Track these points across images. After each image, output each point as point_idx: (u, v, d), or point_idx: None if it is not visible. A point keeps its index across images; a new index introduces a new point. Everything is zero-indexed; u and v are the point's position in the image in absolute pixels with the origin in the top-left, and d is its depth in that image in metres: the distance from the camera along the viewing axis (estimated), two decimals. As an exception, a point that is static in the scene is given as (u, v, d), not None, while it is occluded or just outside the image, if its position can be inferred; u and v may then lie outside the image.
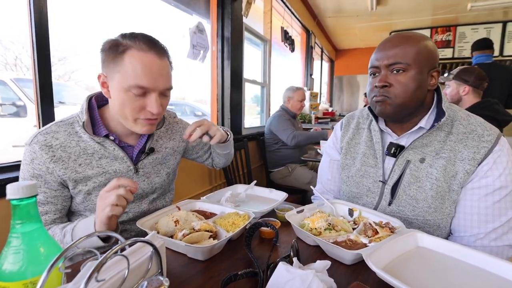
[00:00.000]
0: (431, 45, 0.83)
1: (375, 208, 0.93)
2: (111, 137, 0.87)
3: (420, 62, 0.80)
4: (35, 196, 0.42)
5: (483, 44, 2.74)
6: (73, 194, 0.85)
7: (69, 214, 0.90)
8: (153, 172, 0.97)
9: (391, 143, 0.91)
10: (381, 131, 0.95)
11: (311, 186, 1.08)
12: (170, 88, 0.85)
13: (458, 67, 2.01)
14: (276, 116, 2.70)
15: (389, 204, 0.89)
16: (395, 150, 0.89)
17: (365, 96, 5.49)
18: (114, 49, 0.78)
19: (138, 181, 0.93)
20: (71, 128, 0.84)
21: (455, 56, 5.18)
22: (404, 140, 0.90)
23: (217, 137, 0.95)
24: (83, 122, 0.82)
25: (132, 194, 0.71)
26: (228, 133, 1.08)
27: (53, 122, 0.85)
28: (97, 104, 0.88)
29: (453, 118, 0.85)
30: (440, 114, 0.85)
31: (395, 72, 0.82)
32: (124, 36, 0.79)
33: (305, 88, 4.26)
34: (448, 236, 0.87)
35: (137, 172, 0.92)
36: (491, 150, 0.78)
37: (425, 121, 0.86)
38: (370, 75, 0.89)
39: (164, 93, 0.84)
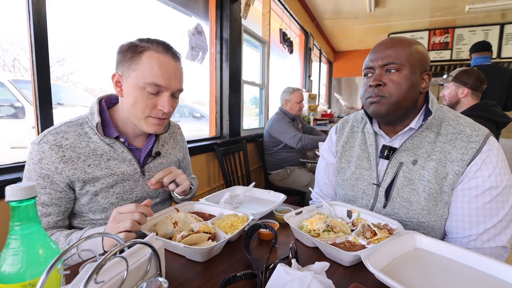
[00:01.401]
0: (422, 49, 0.86)
1: (371, 211, 0.93)
2: (121, 139, 0.89)
3: (413, 63, 0.82)
4: (34, 197, 0.42)
5: (482, 46, 2.76)
6: (79, 195, 0.85)
7: (71, 216, 0.90)
8: None
9: (384, 145, 0.92)
10: (375, 133, 0.96)
11: (310, 188, 1.09)
12: (182, 90, 0.90)
13: (457, 69, 2.01)
14: (276, 119, 2.65)
15: (384, 206, 0.90)
16: (388, 153, 0.90)
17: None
18: (132, 50, 0.82)
19: (144, 184, 0.95)
20: (80, 129, 0.85)
21: (453, 58, 5.22)
22: (396, 143, 0.91)
23: (184, 186, 0.91)
24: (96, 124, 0.83)
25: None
26: (192, 186, 1.03)
27: (62, 122, 0.86)
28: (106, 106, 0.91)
29: (442, 119, 0.87)
30: (428, 114, 0.86)
31: (389, 71, 0.84)
32: (141, 39, 0.85)
33: (304, 90, 4.27)
34: (443, 237, 0.88)
35: (143, 175, 0.94)
36: (479, 150, 0.79)
37: (415, 122, 0.88)
38: (364, 76, 0.91)
39: (175, 95, 0.89)
